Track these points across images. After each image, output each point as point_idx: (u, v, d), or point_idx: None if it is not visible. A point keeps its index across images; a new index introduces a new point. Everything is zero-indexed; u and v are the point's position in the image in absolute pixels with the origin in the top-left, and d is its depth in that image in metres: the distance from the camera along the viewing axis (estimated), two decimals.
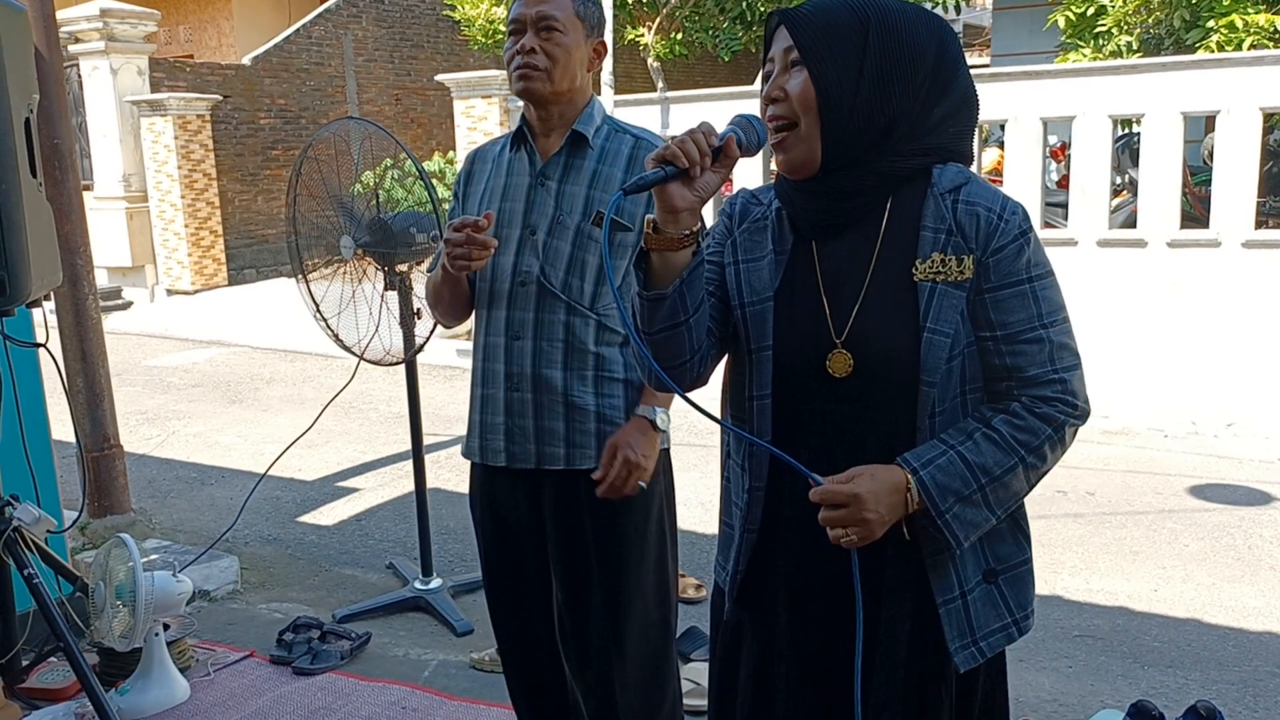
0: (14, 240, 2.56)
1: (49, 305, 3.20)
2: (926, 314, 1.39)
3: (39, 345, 3.15)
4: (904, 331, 1.40)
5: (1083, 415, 1.43)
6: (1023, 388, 1.41)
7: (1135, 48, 8.08)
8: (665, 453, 2.23)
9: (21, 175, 2.60)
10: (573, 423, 2.11)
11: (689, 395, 1.42)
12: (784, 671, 1.54)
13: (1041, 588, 3.95)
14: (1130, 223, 7.73)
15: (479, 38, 11.28)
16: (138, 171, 11.58)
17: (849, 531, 1.36)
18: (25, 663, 3.08)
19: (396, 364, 3.82)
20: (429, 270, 2.29)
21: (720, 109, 8.65)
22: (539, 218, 2.11)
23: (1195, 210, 8.52)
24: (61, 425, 3.78)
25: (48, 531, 3.03)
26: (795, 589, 1.51)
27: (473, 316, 2.26)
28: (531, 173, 2.14)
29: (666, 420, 2.11)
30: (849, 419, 1.43)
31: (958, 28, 21.77)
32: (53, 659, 3.15)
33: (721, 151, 1.36)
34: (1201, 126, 7.72)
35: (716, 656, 1.66)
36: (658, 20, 11.17)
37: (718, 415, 1.54)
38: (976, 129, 1.55)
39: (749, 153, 1.40)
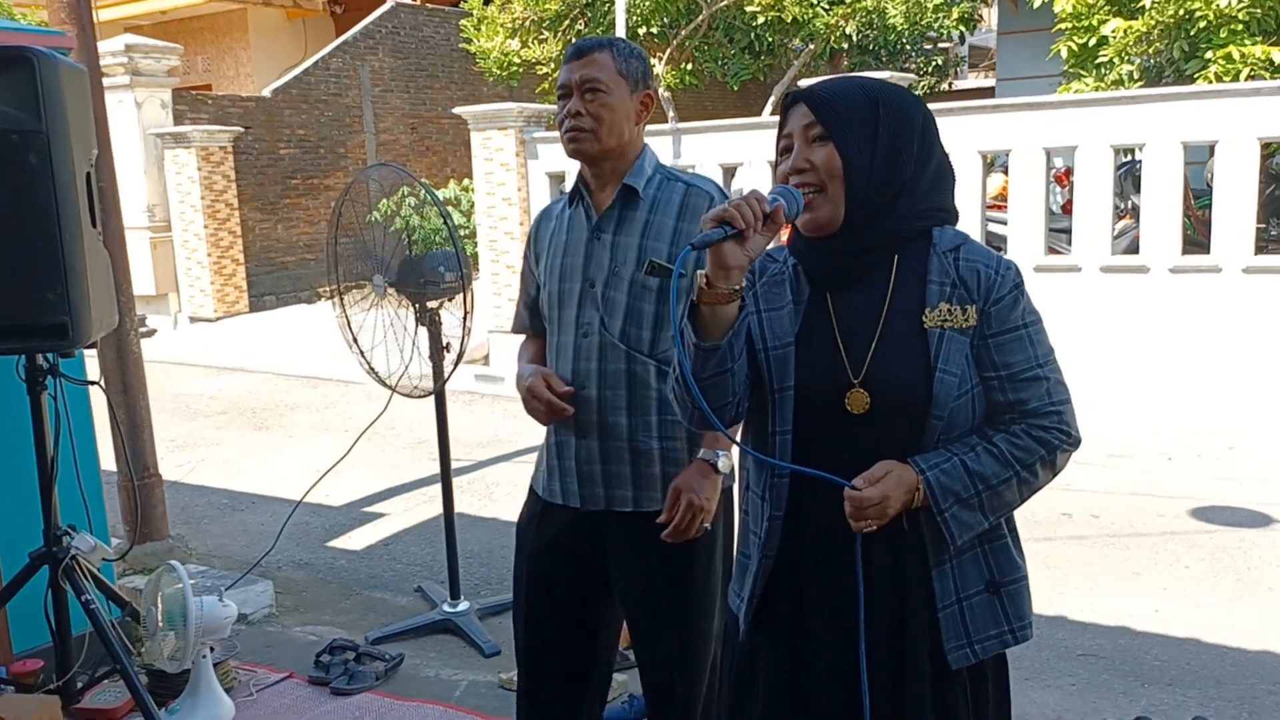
0: (76, 288, 2.75)
1: None
2: (938, 356, 1.59)
3: (93, 383, 3.35)
4: (917, 372, 1.59)
5: (1075, 443, 1.65)
6: (1024, 418, 1.63)
7: (1136, 77, 8.25)
8: (726, 492, 2.34)
9: (83, 226, 2.80)
10: (638, 467, 2.23)
11: (731, 434, 1.64)
12: (817, 672, 1.69)
13: (1047, 608, 4.13)
14: (1134, 248, 7.88)
15: (494, 69, 11.52)
16: (161, 202, 11.84)
17: (871, 522, 1.56)
18: (80, 684, 3.25)
19: (425, 396, 4.00)
20: (512, 330, 2.50)
21: (730, 140, 8.84)
22: (596, 271, 2.24)
23: (1198, 233, 8.66)
24: (103, 455, 3.97)
25: (102, 559, 3.22)
26: (819, 606, 1.67)
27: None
28: (588, 227, 2.28)
29: (728, 464, 2.18)
30: (863, 451, 1.60)
31: (964, 50, 22.00)
32: (105, 681, 3.32)
33: (770, 217, 1.54)
34: (1205, 149, 7.88)
35: (731, 680, 1.81)
36: (668, 51, 11.40)
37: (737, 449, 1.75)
38: (954, 189, 1.77)
39: (790, 220, 1.60)
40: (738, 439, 1.76)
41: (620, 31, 9.71)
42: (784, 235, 1.72)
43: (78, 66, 2.89)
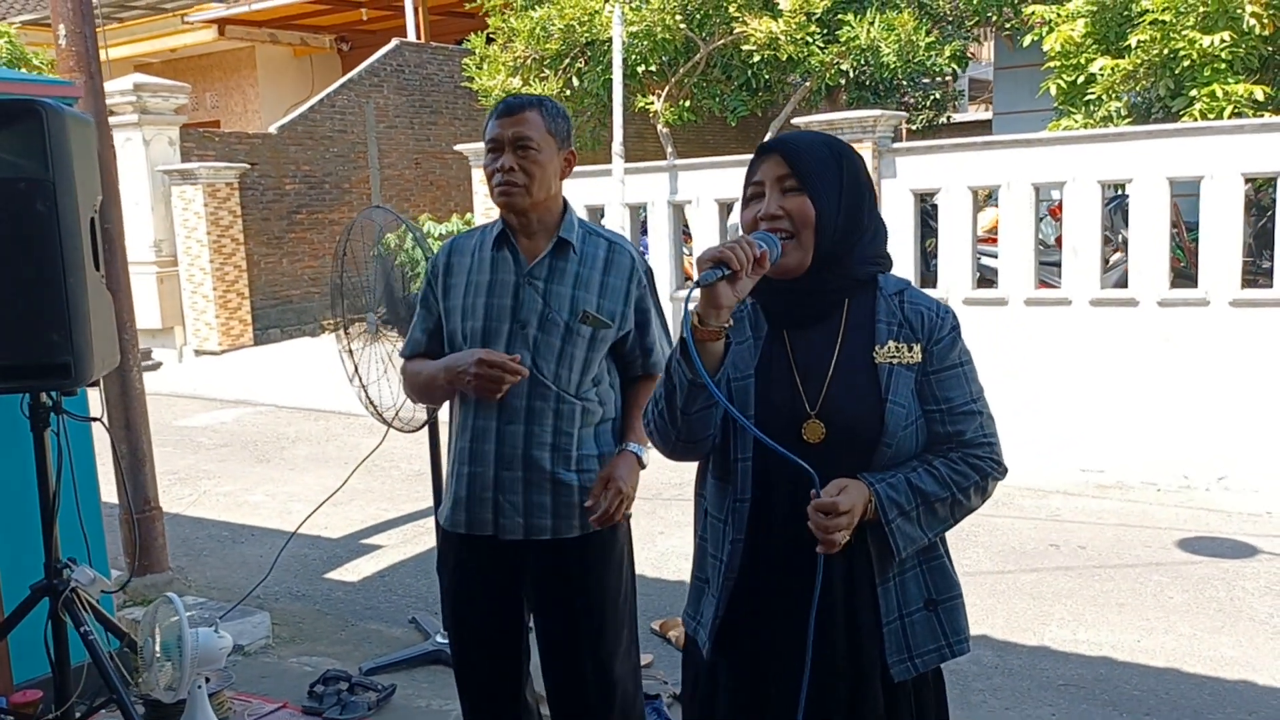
0: (79, 329, 2.86)
1: None
2: (888, 389, 1.73)
3: (95, 420, 3.45)
4: (869, 403, 1.73)
5: (1003, 472, 1.82)
6: (960, 448, 1.78)
7: (1124, 114, 8.39)
8: (628, 519, 2.50)
9: (87, 270, 2.91)
10: (559, 497, 2.37)
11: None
12: (777, 694, 1.78)
13: (1030, 638, 4.21)
14: (1124, 281, 8.00)
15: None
16: (168, 237, 12.01)
17: (845, 533, 1.67)
18: (78, 714, 3.32)
19: (417, 430, 4.10)
20: (403, 354, 2.55)
21: (726, 176, 8.99)
22: (529, 314, 2.36)
23: (1191, 265, 8.77)
24: (102, 487, 4.06)
25: (101, 591, 3.31)
26: (777, 626, 1.77)
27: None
28: (518, 272, 2.39)
29: (648, 456, 2.38)
30: (822, 477, 1.70)
31: (963, 83, 22.21)
32: (103, 711, 3.39)
33: (757, 261, 1.67)
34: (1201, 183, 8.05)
35: (695, 698, 1.92)
36: (666, 88, 11.58)
37: (693, 483, 1.90)
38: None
39: (773, 264, 1.71)
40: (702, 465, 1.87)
41: (618, 70, 9.89)
42: None
43: (84, 117, 3.01)
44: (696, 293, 1.65)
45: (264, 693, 3.71)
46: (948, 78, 14.78)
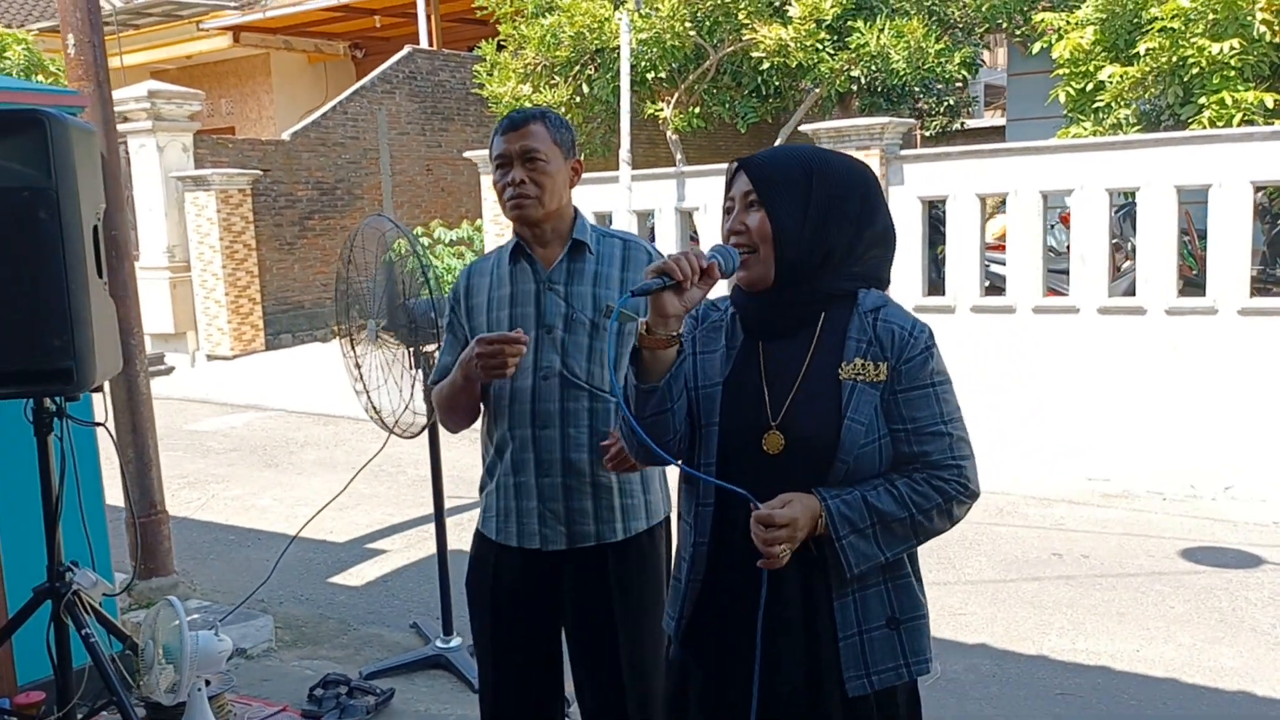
0: (82, 335, 2.90)
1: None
2: (848, 405, 1.73)
3: (99, 424, 3.50)
4: (828, 419, 1.74)
5: (972, 496, 1.77)
6: (926, 469, 1.75)
7: (1133, 122, 8.38)
8: (667, 520, 2.48)
9: (89, 277, 2.95)
10: (600, 500, 2.36)
11: (679, 462, 1.81)
12: (735, 700, 1.80)
13: (1028, 648, 4.21)
14: (1134, 289, 7.98)
15: (505, 113, 11.77)
16: (181, 243, 12.11)
17: (784, 548, 1.68)
18: (80, 716, 3.36)
19: (416, 435, 4.13)
20: (432, 383, 2.52)
21: None
22: (554, 318, 2.37)
23: (1203, 273, 8.75)
24: (111, 491, 4.11)
25: (103, 594, 3.34)
26: (738, 630, 1.79)
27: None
28: (537, 279, 2.41)
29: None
30: (775, 487, 1.73)
31: (978, 89, 22.11)
32: (104, 713, 3.43)
33: (706, 273, 1.70)
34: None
35: (668, 694, 1.95)
36: (676, 95, 11.62)
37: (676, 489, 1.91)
38: (894, 255, 1.90)
39: (725, 276, 1.76)
40: (679, 463, 1.89)
41: (625, 76, 9.93)
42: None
43: (87, 126, 3.05)
44: (631, 300, 1.71)
45: (265, 696, 3.75)
46: (959, 84, 14.76)
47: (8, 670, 3.32)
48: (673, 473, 1.91)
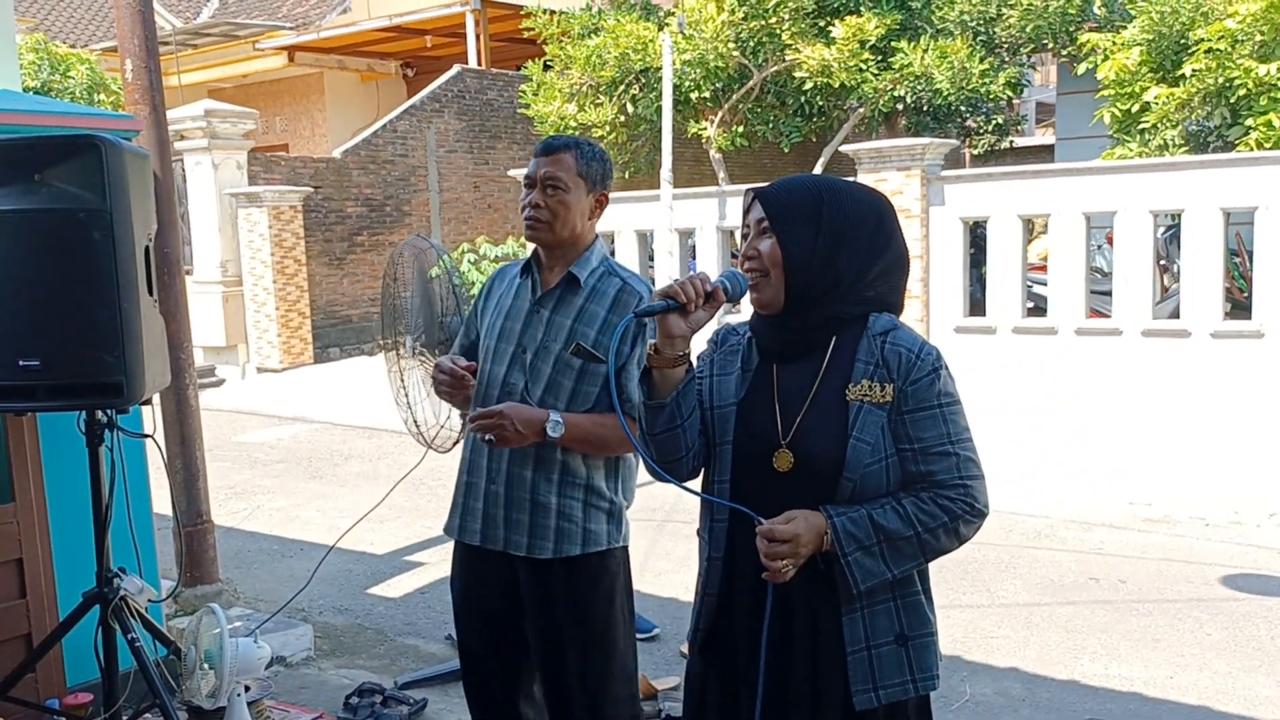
0: (133, 351, 3.02)
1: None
2: (854, 425, 1.79)
3: (147, 436, 3.63)
4: (835, 438, 1.80)
5: (979, 515, 1.81)
6: (933, 489, 1.80)
7: (1179, 143, 8.31)
8: (624, 550, 2.58)
9: (140, 295, 3.08)
10: (535, 517, 2.46)
11: (685, 484, 1.88)
12: (747, 710, 1.86)
13: (1060, 672, 4.19)
14: (1179, 312, 7.89)
15: (551, 132, 11.92)
16: (234, 258, 12.40)
17: (787, 563, 1.73)
18: (125, 717, 3.48)
19: (449, 450, 4.22)
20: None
21: None
22: (530, 340, 2.50)
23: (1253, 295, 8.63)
24: (159, 500, 4.24)
25: (148, 600, 3.47)
26: (751, 642, 1.85)
27: None
28: (531, 299, 2.53)
29: (558, 430, 2.37)
30: (786, 504, 1.79)
31: (1028, 107, 21.89)
32: (148, 715, 3.55)
33: (711, 296, 1.78)
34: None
35: (688, 705, 2.01)
36: (720, 114, 11.69)
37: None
38: (906, 282, 1.95)
39: (732, 300, 1.84)
40: (695, 488, 1.96)
41: (667, 97, 10.02)
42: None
43: (141, 151, 3.19)
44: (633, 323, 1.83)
45: (302, 703, 3.84)
46: (1005, 103, 14.67)
47: (57, 672, 3.44)
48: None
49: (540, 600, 2.50)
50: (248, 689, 3.54)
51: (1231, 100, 7.83)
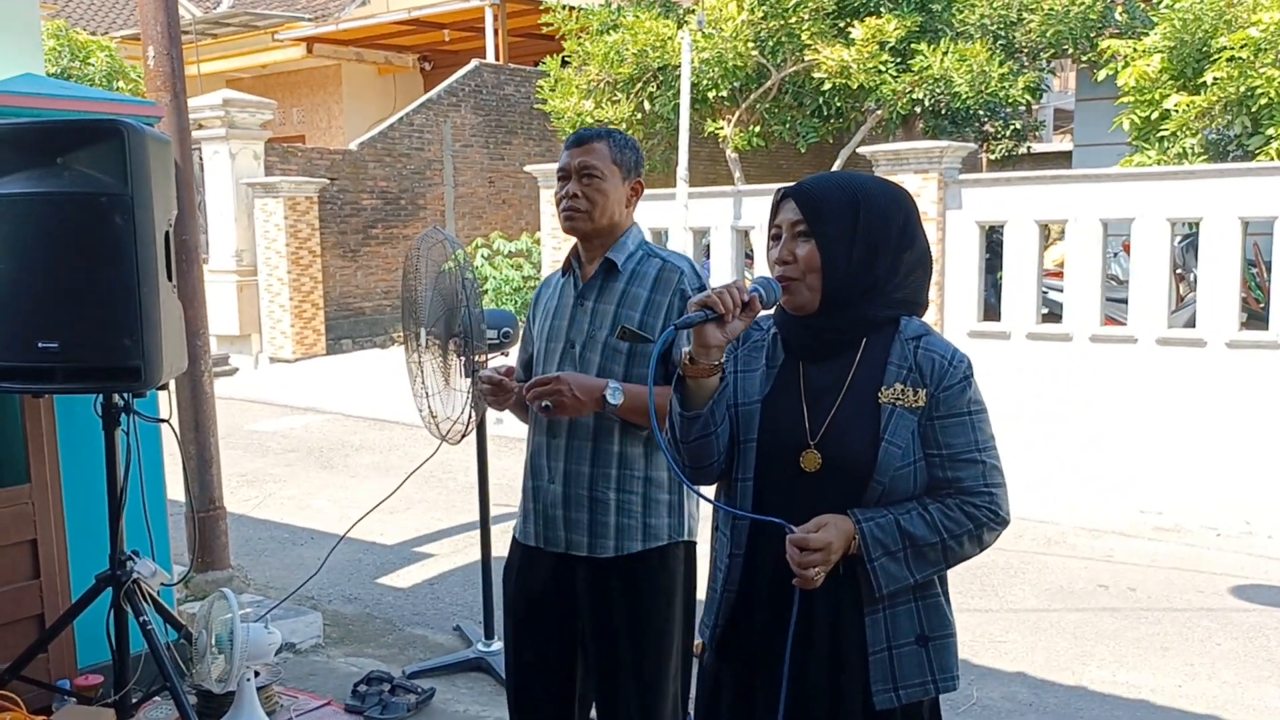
0: (151, 336, 3.04)
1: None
2: (886, 428, 1.78)
3: (163, 421, 3.65)
4: (866, 440, 1.78)
5: (1002, 523, 1.82)
6: (959, 495, 1.80)
7: (1199, 151, 8.27)
8: (690, 545, 2.53)
9: (160, 280, 3.09)
10: (595, 515, 2.44)
11: (703, 492, 1.90)
12: (762, 715, 1.86)
13: (1067, 678, 4.18)
14: (1195, 321, 7.86)
15: (568, 128, 11.93)
16: (249, 247, 12.44)
17: (819, 570, 1.73)
18: (135, 700, 3.50)
19: (458, 442, 4.22)
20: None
21: None
22: (576, 334, 2.48)
23: (1270, 306, 8.58)
24: (172, 486, 4.26)
25: (161, 584, 3.48)
26: (768, 641, 1.84)
27: None
28: (574, 295, 2.52)
29: (618, 399, 2.34)
30: (810, 505, 1.78)
31: (1047, 113, 21.80)
32: (157, 698, 3.57)
33: (747, 306, 1.75)
34: None
35: (701, 703, 2.00)
36: (737, 114, 11.68)
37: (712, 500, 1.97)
38: (930, 279, 1.94)
39: (766, 308, 1.80)
40: (712, 494, 1.95)
41: (685, 95, 10.02)
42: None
43: (162, 136, 3.20)
44: (675, 333, 1.78)
45: (311, 689, 3.87)
46: (1024, 108, 14.62)
47: (69, 653, 3.47)
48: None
49: (598, 599, 2.46)
50: (257, 674, 3.56)
51: (1253, 109, 7.78)
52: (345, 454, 8.16)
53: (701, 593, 2.47)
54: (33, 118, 3.17)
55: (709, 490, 1.98)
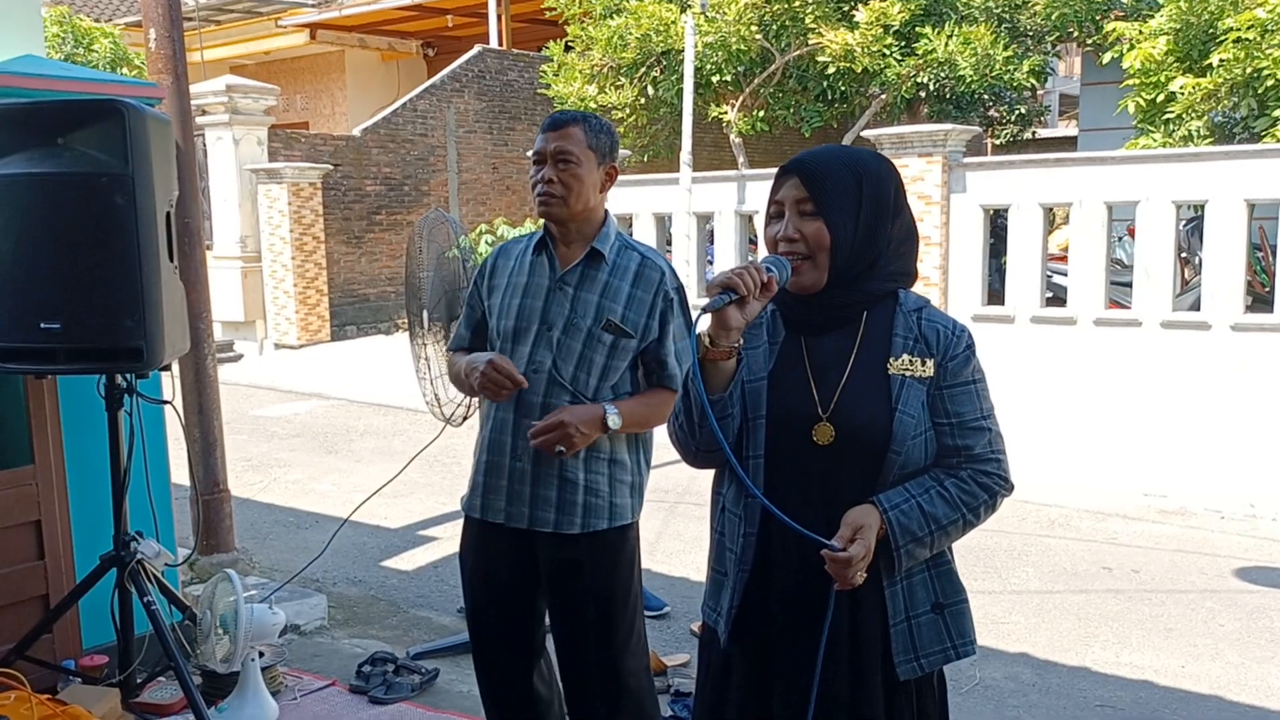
0: (152, 316, 3.04)
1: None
2: (898, 399, 1.79)
3: (166, 402, 3.65)
4: (880, 411, 1.79)
5: (1010, 488, 1.86)
6: (968, 463, 1.83)
7: (1205, 134, 8.22)
8: (635, 525, 2.59)
9: (161, 261, 3.09)
10: (563, 493, 2.47)
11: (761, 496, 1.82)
12: (780, 691, 1.86)
13: (1070, 659, 4.18)
14: (1200, 304, 7.83)
15: None
16: (253, 234, 12.44)
17: (862, 574, 1.74)
18: (140, 680, 3.52)
19: (461, 423, 4.24)
20: (449, 349, 2.68)
21: None
22: (555, 317, 2.48)
23: (1274, 289, 8.54)
24: (176, 469, 4.27)
25: (165, 565, 3.49)
26: (786, 620, 1.85)
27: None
28: (551, 277, 2.51)
29: (617, 422, 2.40)
30: (827, 476, 1.80)
31: (1051, 98, 21.71)
32: (162, 678, 3.58)
33: (766, 286, 1.74)
34: None
35: (707, 685, 1.99)
36: (741, 98, 11.64)
37: (712, 481, 1.98)
38: (919, 250, 1.95)
39: (781, 286, 1.79)
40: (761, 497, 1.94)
41: (689, 79, 9.98)
42: None
43: (163, 117, 3.20)
44: (706, 316, 1.74)
45: (315, 670, 3.88)
46: (1030, 92, 14.56)
47: (74, 633, 3.48)
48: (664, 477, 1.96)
49: (561, 574, 2.50)
50: (262, 655, 3.57)
51: (1259, 91, 7.74)
52: (349, 439, 8.17)
53: (698, 575, 2.50)
54: (33, 98, 3.16)
55: (708, 475, 1.99)
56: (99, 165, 2.94)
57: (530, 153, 2.59)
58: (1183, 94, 8.20)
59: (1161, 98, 8.49)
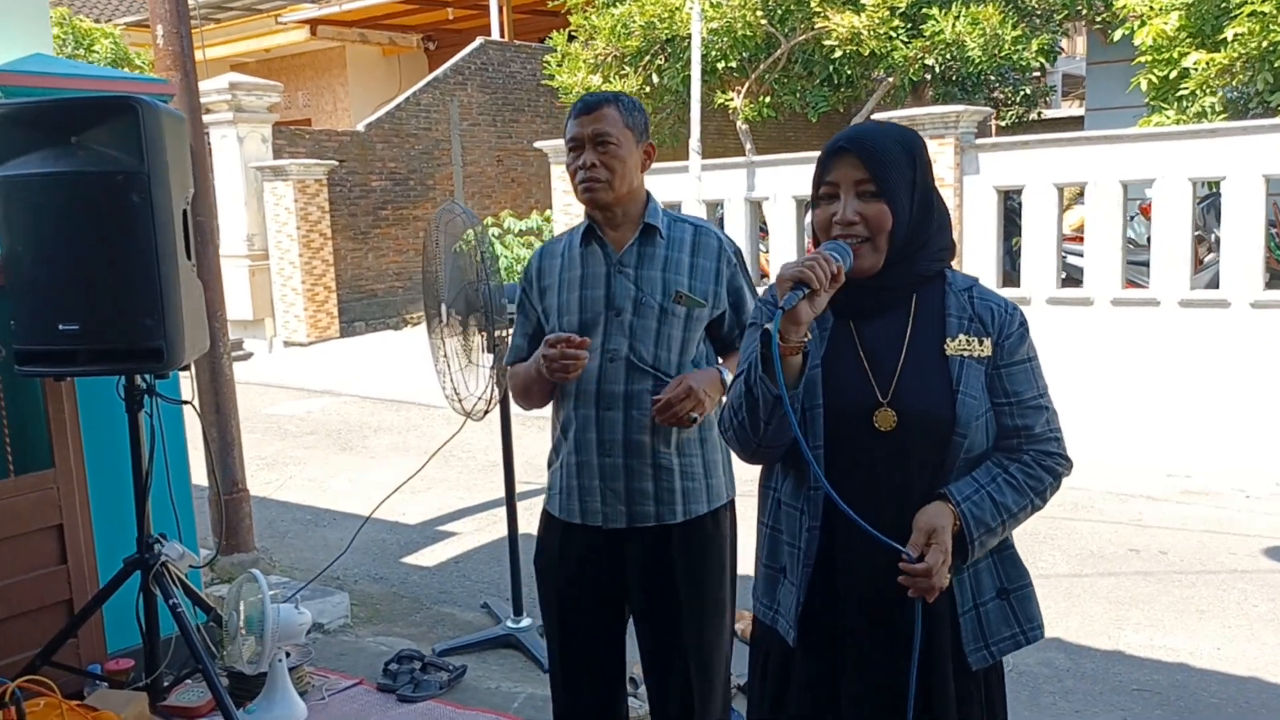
0: (171, 315, 3.00)
1: None
2: (959, 380, 1.75)
3: (185, 403, 3.61)
4: (941, 394, 1.74)
5: (1071, 466, 1.84)
6: (1029, 443, 1.79)
7: (1219, 110, 8.14)
8: (731, 503, 2.50)
9: (179, 259, 3.04)
10: (660, 482, 2.38)
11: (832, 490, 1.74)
12: (850, 689, 1.80)
13: (1104, 643, 4.13)
14: (1217, 282, 7.76)
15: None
16: (260, 231, 12.40)
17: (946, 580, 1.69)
18: (166, 683, 3.49)
19: (482, 418, 4.18)
20: (508, 363, 2.56)
21: (803, 173, 8.94)
22: (623, 300, 2.39)
23: None
24: (193, 470, 4.23)
25: (189, 566, 3.46)
26: (856, 615, 1.79)
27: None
28: (608, 262, 2.42)
29: (729, 379, 2.33)
30: (892, 463, 1.75)
31: (1055, 79, 21.61)
32: (189, 681, 3.55)
33: (834, 277, 1.68)
34: None
35: (766, 683, 1.93)
36: (747, 85, 11.56)
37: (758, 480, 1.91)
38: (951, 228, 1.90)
39: (846, 274, 1.72)
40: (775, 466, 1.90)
41: (696, 66, 9.91)
42: None
43: (177, 113, 3.15)
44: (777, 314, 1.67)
45: (341, 669, 3.84)
46: (1036, 73, 14.47)
47: (99, 638, 3.44)
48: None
49: (654, 569, 2.40)
50: (288, 655, 3.54)
51: (1275, 65, 7.65)
52: (363, 435, 8.14)
53: (744, 567, 2.44)
54: (44, 97, 3.11)
55: (757, 470, 1.93)
56: (114, 163, 2.90)
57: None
58: (1197, 70, 8.12)
59: (1174, 74, 8.40)
